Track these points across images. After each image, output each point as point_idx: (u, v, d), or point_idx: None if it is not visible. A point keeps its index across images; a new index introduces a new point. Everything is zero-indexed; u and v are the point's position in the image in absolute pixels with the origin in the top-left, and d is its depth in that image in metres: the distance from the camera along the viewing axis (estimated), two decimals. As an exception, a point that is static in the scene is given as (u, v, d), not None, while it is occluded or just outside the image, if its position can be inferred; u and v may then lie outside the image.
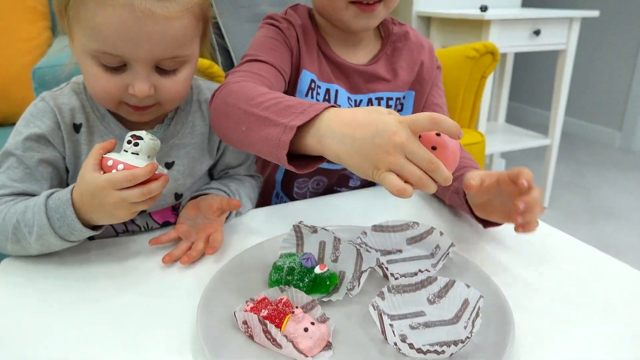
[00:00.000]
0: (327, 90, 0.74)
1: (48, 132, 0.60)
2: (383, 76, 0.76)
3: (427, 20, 2.06)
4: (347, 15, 0.68)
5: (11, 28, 1.46)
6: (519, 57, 3.17)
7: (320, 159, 0.51)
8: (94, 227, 0.56)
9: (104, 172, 0.51)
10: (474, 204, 0.61)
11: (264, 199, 0.84)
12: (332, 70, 0.75)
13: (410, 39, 0.79)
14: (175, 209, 0.70)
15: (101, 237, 0.63)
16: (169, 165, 0.67)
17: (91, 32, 0.54)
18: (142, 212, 0.66)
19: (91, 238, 0.66)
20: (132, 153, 0.51)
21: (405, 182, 0.44)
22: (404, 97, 0.79)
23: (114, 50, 0.54)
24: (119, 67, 0.56)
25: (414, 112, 0.79)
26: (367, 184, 0.85)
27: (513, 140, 2.08)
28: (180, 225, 0.63)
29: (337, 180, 0.83)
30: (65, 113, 0.62)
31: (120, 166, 0.51)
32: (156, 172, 0.52)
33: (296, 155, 0.51)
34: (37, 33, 1.49)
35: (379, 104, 0.76)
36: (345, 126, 0.47)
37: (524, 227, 0.53)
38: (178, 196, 0.69)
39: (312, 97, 0.72)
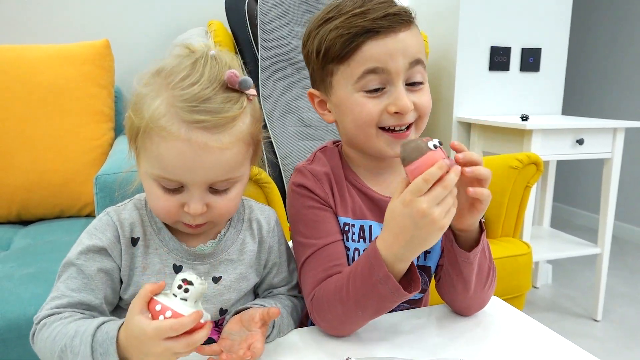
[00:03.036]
0: (362, 227, 0.74)
1: (108, 245, 0.64)
2: None
3: (468, 126, 2.11)
4: (379, 143, 0.70)
5: (79, 127, 1.59)
6: (563, 160, 3.16)
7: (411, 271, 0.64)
8: None
9: (152, 315, 0.52)
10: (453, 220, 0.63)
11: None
12: (365, 203, 0.75)
13: None
14: (218, 325, 0.70)
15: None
16: (216, 280, 0.68)
17: (154, 161, 0.60)
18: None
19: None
20: (181, 299, 0.53)
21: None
22: None
23: (173, 176, 0.60)
24: (176, 189, 0.62)
25: (442, 236, 0.77)
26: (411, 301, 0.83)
27: (560, 248, 2.01)
28: (224, 340, 0.63)
29: None
30: (125, 227, 0.66)
31: (168, 312, 0.51)
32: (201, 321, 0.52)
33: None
34: (102, 133, 1.62)
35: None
36: (392, 234, 0.60)
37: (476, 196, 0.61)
38: (223, 311, 0.69)
39: (347, 239, 0.74)
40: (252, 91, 0.63)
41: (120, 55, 1.78)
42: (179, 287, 0.53)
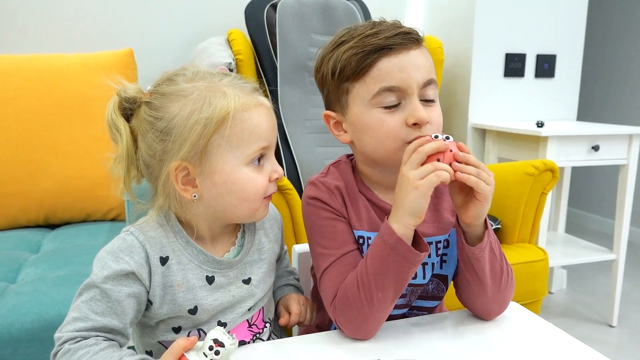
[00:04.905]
0: None
1: (136, 269, 0.64)
2: (427, 219, 0.77)
3: (483, 133, 2.13)
4: (400, 155, 0.70)
5: (104, 134, 1.63)
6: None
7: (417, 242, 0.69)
8: None
9: None
10: (459, 212, 0.70)
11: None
12: (380, 217, 0.77)
13: None
14: (251, 325, 0.74)
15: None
16: (246, 281, 0.73)
17: (250, 137, 0.66)
18: (223, 326, 0.71)
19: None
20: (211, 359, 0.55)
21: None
22: (449, 235, 0.79)
23: (266, 141, 0.67)
24: (260, 162, 0.68)
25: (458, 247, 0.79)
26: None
27: (575, 254, 2.02)
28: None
29: None
30: (154, 247, 0.66)
31: None
32: None
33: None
34: (126, 140, 1.67)
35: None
36: (395, 206, 0.68)
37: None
38: (251, 308, 0.74)
39: (362, 252, 0.76)
40: None
41: (143, 63, 1.83)
42: (210, 348, 0.55)
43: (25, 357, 1.00)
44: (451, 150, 0.66)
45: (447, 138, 0.67)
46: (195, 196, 0.66)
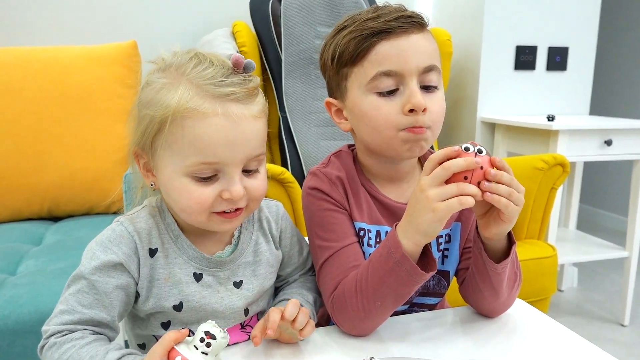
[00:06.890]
0: (378, 232, 0.75)
1: (124, 260, 0.62)
2: None
3: (492, 127, 2.08)
4: (397, 142, 0.69)
5: (108, 127, 1.63)
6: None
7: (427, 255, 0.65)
8: None
9: None
10: (479, 223, 0.66)
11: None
12: (380, 210, 0.75)
13: None
14: (244, 327, 0.71)
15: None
16: (237, 284, 0.69)
17: (190, 148, 0.58)
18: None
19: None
20: (202, 352, 0.53)
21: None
22: (451, 229, 0.77)
23: (213, 157, 0.58)
24: (211, 178, 0.60)
25: (460, 241, 0.77)
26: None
27: (586, 251, 1.97)
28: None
29: None
30: (143, 237, 0.64)
31: None
32: None
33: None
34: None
35: (430, 242, 0.73)
36: (407, 218, 0.63)
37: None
38: (246, 311, 0.70)
39: (362, 244, 0.74)
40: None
41: (147, 55, 1.81)
42: (201, 340, 0.54)
43: (22, 349, 0.99)
44: (482, 168, 0.58)
45: (480, 152, 0.59)
46: (152, 185, 0.65)
